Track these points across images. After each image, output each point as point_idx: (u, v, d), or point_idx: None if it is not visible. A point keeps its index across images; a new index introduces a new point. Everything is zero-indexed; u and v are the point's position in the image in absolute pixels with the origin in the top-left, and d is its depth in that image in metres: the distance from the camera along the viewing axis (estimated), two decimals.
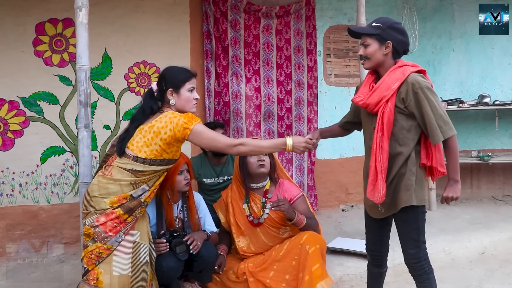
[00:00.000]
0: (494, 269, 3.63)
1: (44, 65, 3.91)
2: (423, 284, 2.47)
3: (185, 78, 2.48)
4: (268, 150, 2.65)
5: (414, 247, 2.43)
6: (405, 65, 2.38)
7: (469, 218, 4.63)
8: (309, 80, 4.89)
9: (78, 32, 2.53)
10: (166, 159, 2.39)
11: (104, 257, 2.33)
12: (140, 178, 2.36)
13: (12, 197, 3.92)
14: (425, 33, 5.51)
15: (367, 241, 2.70)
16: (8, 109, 3.85)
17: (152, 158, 2.34)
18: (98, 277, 2.33)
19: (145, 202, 2.43)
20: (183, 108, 2.46)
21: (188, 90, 2.47)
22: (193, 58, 4.40)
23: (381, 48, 2.37)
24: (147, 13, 4.19)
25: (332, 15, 5.09)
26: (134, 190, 2.37)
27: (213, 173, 3.78)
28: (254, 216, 3.10)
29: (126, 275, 2.38)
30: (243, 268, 3.02)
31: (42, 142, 3.92)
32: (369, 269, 2.74)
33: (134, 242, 2.42)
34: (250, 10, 4.59)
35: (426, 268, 2.44)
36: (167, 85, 2.46)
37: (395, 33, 2.36)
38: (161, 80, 2.49)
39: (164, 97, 2.47)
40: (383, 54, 2.38)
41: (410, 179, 2.37)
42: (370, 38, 2.38)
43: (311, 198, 4.93)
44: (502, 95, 5.38)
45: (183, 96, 2.46)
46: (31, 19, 3.86)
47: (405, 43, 2.40)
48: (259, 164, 3.07)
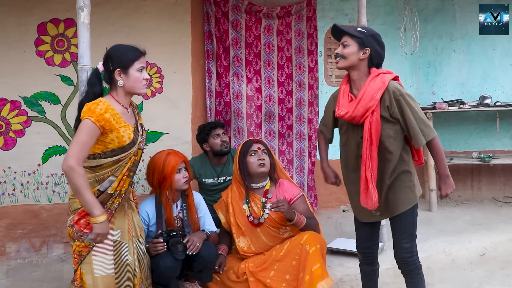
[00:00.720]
0: (494, 271, 3.63)
1: (46, 65, 3.92)
2: (414, 280, 2.53)
3: (133, 57, 2.34)
4: (83, 200, 2.20)
5: (409, 241, 2.50)
6: (382, 73, 2.44)
7: (470, 219, 4.63)
8: (310, 81, 4.90)
9: (79, 32, 2.53)
10: (116, 148, 2.30)
11: (85, 255, 2.31)
12: (101, 172, 2.31)
13: (14, 196, 3.93)
14: (426, 34, 5.51)
15: (357, 239, 2.74)
16: (10, 109, 3.86)
17: (99, 152, 2.29)
18: (82, 277, 2.32)
19: (115, 192, 2.35)
20: (132, 89, 2.35)
21: (138, 70, 2.33)
22: (194, 59, 4.41)
23: (359, 52, 2.43)
24: (148, 14, 4.21)
25: (333, 16, 5.09)
26: (100, 184, 2.31)
27: (213, 173, 3.79)
28: (255, 216, 3.11)
29: (111, 275, 2.36)
30: (244, 268, 3.02)
31: (44, 142, 3.94)
32: (362, 269, 2.78)
33: (114, 241, 2.37)
34: (251, 10, 4.60)
35: (417, 263, 2.53)
36: (114, 65, 2.32)
37: (375, 43, 2.45)
38: (108, 59, 2.34)
39: (112, 78, 2.34)
40: (359, 58, 2.44)
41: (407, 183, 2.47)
42: (352, 40, 2.45)
43: (311, 198, 4.94)
44: (503, 96, 5.37)
45: (132, 77, 2.32)
46: (33, 19, 3.88)
47: (380, 55, 2.49)
48: (259, 163, 3.08)
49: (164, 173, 2.85)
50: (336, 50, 2.51)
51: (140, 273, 2.52)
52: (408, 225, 2.50)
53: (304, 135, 4.88)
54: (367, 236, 2.69)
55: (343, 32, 2.49)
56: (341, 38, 2.51)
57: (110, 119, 2.23)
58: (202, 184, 3.81)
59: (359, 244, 2.74)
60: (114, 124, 2.26)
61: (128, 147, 2.34)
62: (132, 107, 2.51)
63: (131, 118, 2.43)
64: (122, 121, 2.32)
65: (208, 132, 3.76)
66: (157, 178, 2.87)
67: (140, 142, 2.43)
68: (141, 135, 2.46)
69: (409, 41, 5.23)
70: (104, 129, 2.23)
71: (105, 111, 2.22)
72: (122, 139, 2.30)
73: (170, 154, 2.92)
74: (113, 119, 2.25)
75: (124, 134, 2.30)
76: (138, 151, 2.44)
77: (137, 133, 2.40)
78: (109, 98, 2.35)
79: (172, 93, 4.29)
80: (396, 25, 5.35)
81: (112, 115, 2.25)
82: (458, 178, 5.56)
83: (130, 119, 2.41)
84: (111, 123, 2.24)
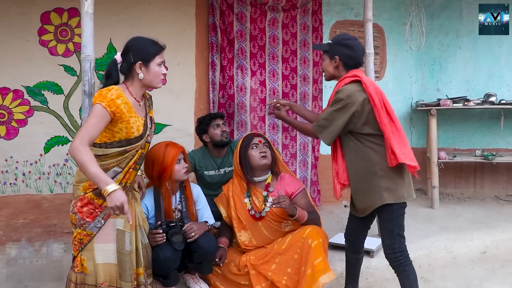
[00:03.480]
0: (495, 269, 3.62)
1: (49, 55, 3.91)
2: (400, 276, 2.61)
3: (155, 51, 2.36)
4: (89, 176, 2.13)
5: (389, 238, 2.58)
6: (346, 77, 2.61)
7: (472, 217, 4.61)
8: (314, 75, 4.87)
9: (83, 22, 2.51)
10: (123, 139, 2.30)
11: (86, 243, 2.32)
12: (106, 161, 2.30)
13: (16, 186, 3.93)
14: (432, 30, 5.48)
15: (347, 229, 2.91)
16: (13, 98, 3.85)
17: (106, 142, 2.29)
18: (83, 263, 2.33)
19: (121, 184, 2.33)
20: (150, 83, 2.37)
21: (158, 64, 2.36)
22: (198, 51, 4.39)
23: (331, 63, 2.67)
24: (152, 5, 4.18)
25: (339, 10, 5.05)
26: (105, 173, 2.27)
27: (214, 165, 3.78)
28: (256, 210, 3.11)
29: (113, 264, 2.36)
30: (245, 261, 3.03)
31: (46, 132, 3.93)
32: (347, 255, 2.94)
33: (118, 230, 2.37)
34: (257, 3, 4.57)
35: (401, 260, 2.57)
36: (135, 58, 2.32)
37: (342, 48, 2.62)
38: (128, 52, 2.34)
39: (132, 71, 2.34)
40: (333, 68, 2.67)
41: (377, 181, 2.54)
42: (324, 54, 2.71)
43: (314, 193, 4.93)
44: (508, 94, 5.34)
45: (152, 71, 2.35)
46: (36, 8, 3.86)
47: (352, 57, 2.63)
48: (261, 155, 3.09)
49: (164, 164, 2.85)
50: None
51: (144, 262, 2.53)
52: (387, 222, 2.60)
53: None
54: (355, 227, 2.86)
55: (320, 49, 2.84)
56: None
57: (120, 106, 2.23)
58: (203, 177, 3.80)
59: (347, 231, 2.92)
60: (125, 113, 2.26)
61: (135, 140, 2.34)
62: (145, 99, 2.52)
63: (142, 111, 2.43)
64: (133, 111, 2.32)
65: (208, 123, 3.74)
66: (157, 170, 2.87)
67: (148, 135, 2.44)
68: (150, 129, 2.46)
69: (415, 37, 5.20)
70: (115, 116, 2.23)
71: (117, 97, 2.22)
72: (130, 130, 2.30)
73: (169, 145, 2.92)
74: (124, 107, 2.25)
75: (133, 126, 2.31)
76: (145, 144, 2.45)
77: (146, 127, 2.41)
78: (123, 87, 2.35)
79: (175, 85, 4.27)
80: (402, 20, 5.32)
81: (124, 103, 2.25)
82: (460, 176, 5.56)
83: (140, 111, 2.41)
84: (122, 111, 2.24)
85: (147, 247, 2.63)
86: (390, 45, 5.35)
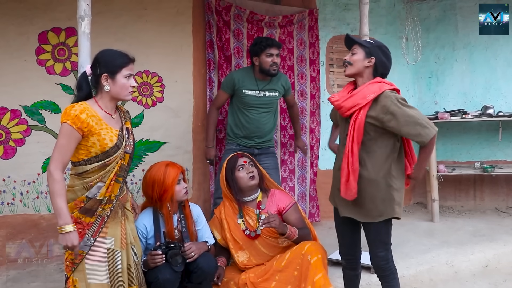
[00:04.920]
0: (498, 283, 3.59)
1: (47, 74, 3.91)
2: (390, 284, 2.67)
3: (122, 63, 2.32)
4: (54, 206, 2.18)
5: (384, 250, 2.63)
6: (383, 82, 2.56)
7: (472, 230, 4.59)
8: (312, 90, 4.89)
9: (80, 41, 2.53)
10: (99, 153, 2.28)
11: (77, 263, 2.29)
12: (89, 178, 2.29)
13: (13, 205, 3.90)
14: (429, 44, 5.51)
15: (340, 246, 2.87)
16: (10, 118, 3.85)
17: (84, 159, 2.28)
18: (75, 284, 2.30)
19: (104, 198, 2.32)
20: (117, 95, 2.34)
21: (125, 76, 2.32)
22: (195, 68, 4.40)
23: (364, 60, 2.57)
24: (149, 23, 4.20)
25: (335, 25, 5.09)
26: (89, 190, 2.29)
27: (255, 85, 3.77)
28: (250, 229, 3.11)
29: (106, 284, 2.33)
30: (244, 279, 3.00)
31: (44, 151, 3.91)
32: (345, 273, 2.91)
33: (108, 249, 2.35)
34: (253, 19, 4.60)
35: (392, 268, 2.67)
36: (101, 70, 2.29)
37: (381, 54, 2.59)
38: (96, 63, 2.32)
39: (99, 82, 2.32)
40: (364, 66, 2.57)
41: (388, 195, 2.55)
42: (360, 48, 2.60)
43: (313, 209, 4.90)
44: (505, 106, 5.35)
45: (119, 83, 2.31)
46: (34, 28, 3.87)
47: (386, 66, 2.61)
48: (249, 176, 3.10)
49: (165, 185, 2.82)
50: (345, 57, 2.65)
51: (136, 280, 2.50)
52: (382, 236, 2.63)
53: (306, 144, 4.85)
54: (349, 244, 2.82)
55: (353, 42, 2.65)
56: (351, 47, 2.67)
57: (87, 120, 2.22)
58: (241, 97, 3.77)
59: (342, 251, 2.87)
60: (94, 126, 2.24)
61: (111, 152, 2.31)
62: (120, 112, 2.49)
63: (116, 123, 2.40)
64: (103, 123, 2.29)
65: (262, 48, 3.68)
66: (157, 191, 2.83)
67: (126, 146, 2.40)
68: (127, 139, 2.42)
69: (411, 51, 5.23)
70: (83, 132, 2.22)
71: (80, 112, 2.21)
72: (103, 141, 2.27)
73: (169, 166, 2.89)
74: (92, 120, 2.24)
75: (105, 137, 2.28)
76: (125, 155, 2.40)
77: (122, 137, 2.37)
78: (92, 102, 2.34)
79: (173, 102, 4.28)
80: (398, 34, 5.35)
81: (90, 117, 2.23)
82: (460, 188, 5.54)
83: (115, 124, 2.39)
84: (89, 124, 2.23)
85: (139, 264, 2.60)
86: None
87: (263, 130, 3.88)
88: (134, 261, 2.51)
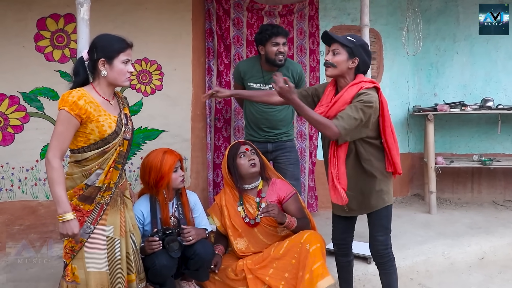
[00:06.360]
0: (493, 275, 3.61)
1: (45, 61, 3.89)
2: (388, 271, 2.70)
3: (119, 48, 2.30)
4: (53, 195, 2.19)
5: (384, 234, 2.68)
6: (362, 81, 2.54)
7: (469, 222, 4.60)
8: (311, 80, 4.87)
9: (79, 28, 2.51)
10: (98, 140, 2.27)
11: (77, 251, 2.30)
12: (88, 166, 2.28)
13: (12, 192, 3.91)
14: (429, 35, 5.48)
15: (333, 232, 2.90)
16: (9, 104, 3.84)
17: (83, 146, 2.27)
18: (74, 272, 2.30)
19: (103, 185, 2.32)
20: (115, 81, 2.32)
21: (122, 62, 2.30)
22: (194, 56, 4.38)
23: (348, 61, 2.53)
24: (149, 10, 4.17)
25: (336, 15, 5.06)
26: (88, 178, 2.29)
27: (261, 77, 3.68)
28: (250, 217, 3.12)
29: (104, 272, 2.34)
30: (242, 265, 3.02)
31: (42, 138, 3.90)
32: (337, 260, 2.95)
33: (107, 238, 2.35)
34: (253, 8, 4.57)
35: (391, 255, 2.71)
36: (98, 55, 2.27)
37: (363, 53, 2.55)
38: (93, 48, 2.30)
39: (96, 68, 2.30)
40: (348, 67, 2.54)
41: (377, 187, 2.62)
42: (343, 48, 2.53)
43: (312, 199, 4.91)
44: (505, 99, 5.35)
45: (116, 68, 2.29)
46: (32, 14, 3.85)
47: (367, 64, 2.61)
48: (250, 163, 3.11)
49: (162, 172, 2.83)
50: (326, 57, 2.57)
51: (135, 268, 2.51)
52: (382, 219, 2.67)
53: (305, 134, 4.85)
54: (342, 229, 2.85)
55: (333, 39, 2.56)
56: (331, 44, 2.59)
57: (85, 107, 2.20)
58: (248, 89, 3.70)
59: (334, 236, 2.90)
60: (92, 112, 2.23)
61: (110, 138, 2.30)
62: (118, 98, 2.48)
63: (114, 109, 2.39)
64: (101, 109, 2.28)
65: (267, 37, 3.53)
66: (154, 178, 2.85)
67: (125, 132, 2.39)
68: (126, 125, 2.41)
69: (412, 42, 5.20)
70: (81, 118, 2.21)
71: (78, 98, 2.20)
72: (102, 128, 2.26)
73: (167, 153, 2.90)
74: (90, 107, 2.22)
75: (104, 123, 2.27)
76: (124, 141, 2.40)
77: (120, 123, 2.36)
78: (89, 88, 2.33)
79: (172, 90, 4.26)
80: (399, 25, 5.32)
81: (88, 103, 2.22)
82: (458, 181, 5.55)
83: (113, 110, 2.38)
84: (87, 111, 2.21)
85: (138, 252, 2.60)
86: (387, 50, 5.36)
87: (272, 121, 3.73)
88: (133, 249, 2.52)
